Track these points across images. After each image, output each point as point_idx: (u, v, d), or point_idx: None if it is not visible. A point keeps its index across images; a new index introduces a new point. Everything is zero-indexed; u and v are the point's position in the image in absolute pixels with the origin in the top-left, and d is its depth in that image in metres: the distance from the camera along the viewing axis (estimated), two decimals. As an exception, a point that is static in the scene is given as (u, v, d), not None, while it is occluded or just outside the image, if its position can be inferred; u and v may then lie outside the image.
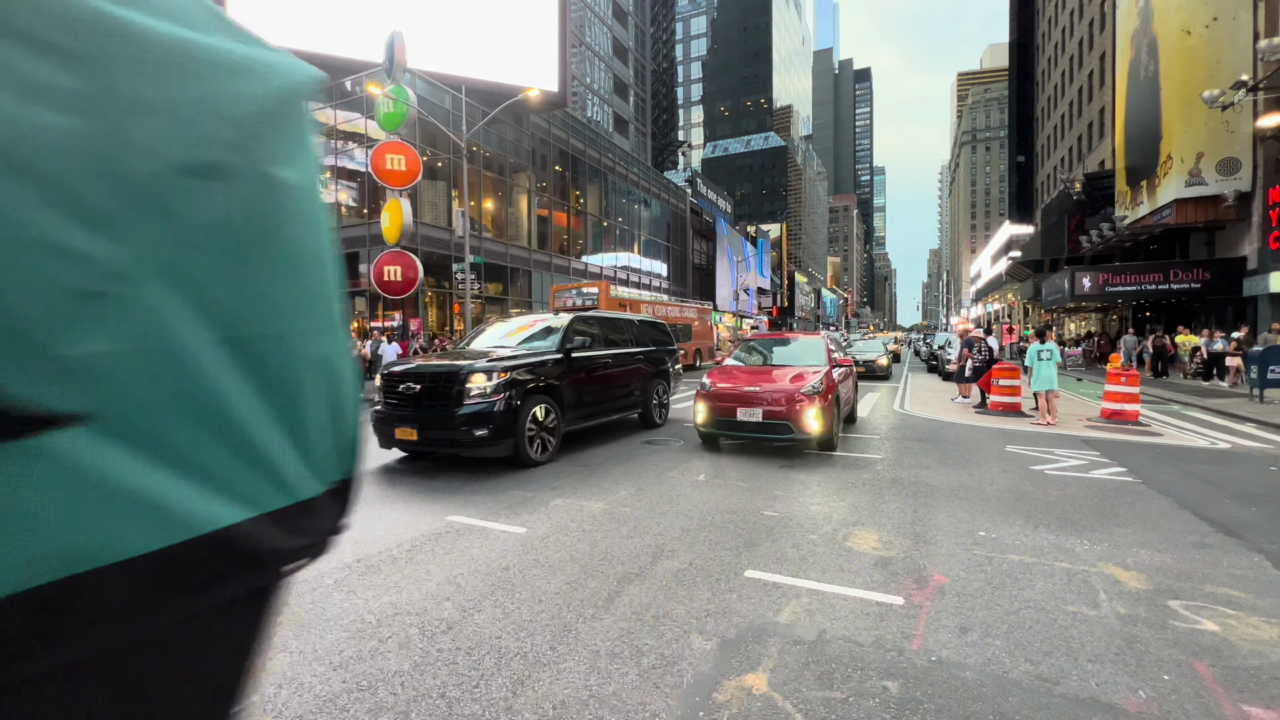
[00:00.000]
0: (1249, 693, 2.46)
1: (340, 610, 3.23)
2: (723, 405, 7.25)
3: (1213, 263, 22.07)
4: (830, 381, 7.33)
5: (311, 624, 3.06)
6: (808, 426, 6.84)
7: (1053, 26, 45.63)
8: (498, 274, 28.12)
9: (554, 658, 2.73)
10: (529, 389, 6.69)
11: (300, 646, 2.84)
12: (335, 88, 23.88)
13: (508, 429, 6.36)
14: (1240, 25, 19.78)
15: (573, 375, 7.46)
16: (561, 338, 7.60)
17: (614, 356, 8.53)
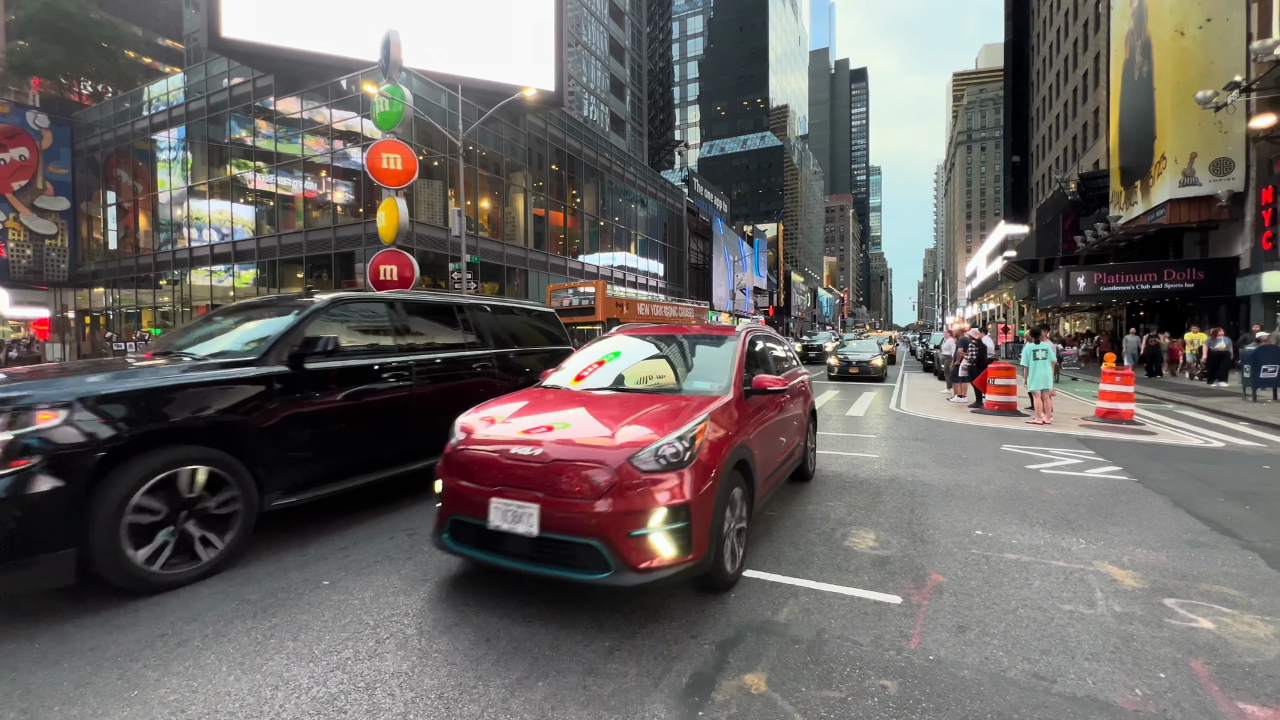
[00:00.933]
0: (1245, 690, 2.47)
1: (337, 611, 3.21)
2: (466, 491, 3.25)
3: (1206, 262, 22.19)
4: (719, 437, 3.37)
5: (307, 625, 3.05)
6: (638, 553, 2.90)
7: (1047, 27, 45.82)
8: (494, 273, 28.06)
9: (554, 657, 2.72)
10: (160, 436, 3.46)
11: (297, 648, 2.82)
12: (331, 87, 23.79)
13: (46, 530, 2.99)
14: (1233, 26, 19.89)
15: (307, 404, 4.18)
16: (285, 335, 4.23)
17: (414, 368, 5.08)
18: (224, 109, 27.04)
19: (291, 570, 3.69)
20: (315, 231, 24.85)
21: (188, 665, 2.64)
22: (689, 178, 54.72)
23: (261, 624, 3.02)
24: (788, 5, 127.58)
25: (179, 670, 2.61)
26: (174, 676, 2.55)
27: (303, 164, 25.14)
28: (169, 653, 2.75)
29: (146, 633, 2.93)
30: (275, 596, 3.33)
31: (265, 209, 27.01)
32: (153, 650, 2.77)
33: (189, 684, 2.50)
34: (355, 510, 4.87)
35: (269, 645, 2.81)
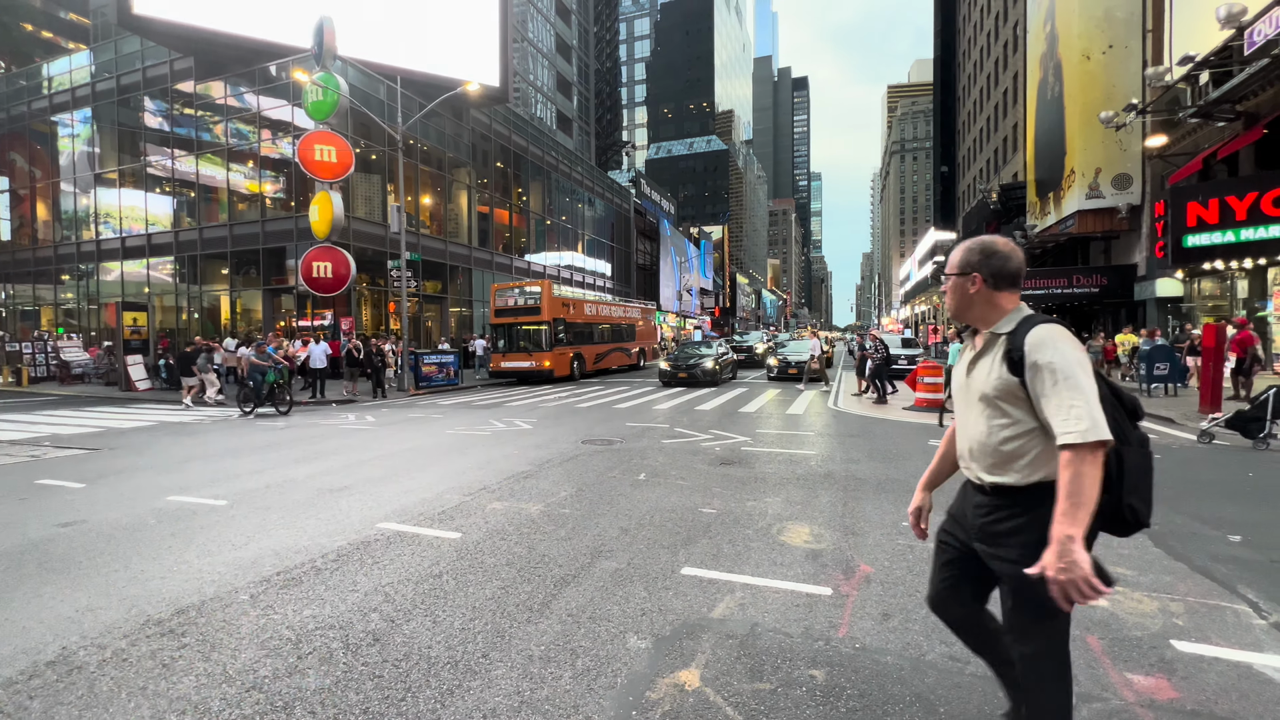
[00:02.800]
0: (1131, 661, 2.70)
1: (255, 627, 3.04)
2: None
3: (1109, 269, 24.14)
4: None
5: (222, 644, 2.87)
6: None
7: (972, 46, 48.67)
8: (437, 272, 27.30)
9: (486, 665, 2.67)
10: None
11: (209, 669, 2.65)
12: (259, 72, 22.50)
13: None
14: (1132, 53, 21.74)
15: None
16: None
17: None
18: (136, 91, 25.12)
19: (206, 586, 3.46)
20: (241, 225, 23.44)
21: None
22: (636, 178, 54.95)
23: (169, 645, 2.81)
24: (733, 12, 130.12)
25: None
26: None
27: (227, 153, 23.68)
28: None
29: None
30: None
31: (185, 200, 25.27)
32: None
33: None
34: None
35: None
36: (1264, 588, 3.47)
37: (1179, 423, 9.90)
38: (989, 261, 1.77)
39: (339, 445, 8.66)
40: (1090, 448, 1.48)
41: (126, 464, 7.52)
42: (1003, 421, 1.69)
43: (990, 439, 1.72)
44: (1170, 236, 15.85)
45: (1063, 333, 1.62)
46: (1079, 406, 1.50)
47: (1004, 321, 1.74)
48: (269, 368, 12.84)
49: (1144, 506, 1.63)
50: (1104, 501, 1.57)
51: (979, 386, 1.75)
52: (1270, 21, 12.53)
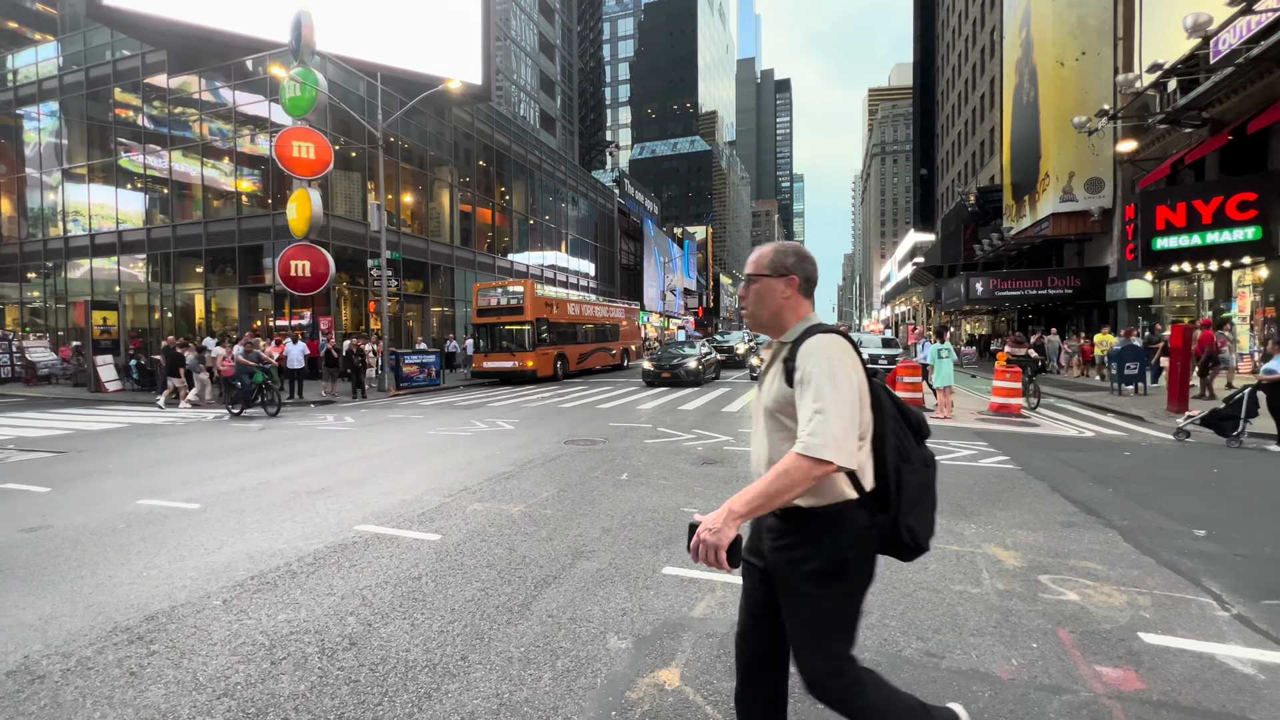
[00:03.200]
0: (1100, 654, 2.76)
1: (228, 633, 2.98)
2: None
3: (1082, 271, 24.72)
4: None
5: (193, 650, 2.81)
6: None
7: (950, 51, 49.48)
8: (418, 271, 27.00)
9: (465, 668, 2.64)
10: None
11: (178, 676, 2.59)
12: (235, 67, 22.06)
13: None
14: (1104, 60, 22.27)
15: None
16: None
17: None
18: (106, 84, 24.46)
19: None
20: (217, 222, 22.96)
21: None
22: (620, 178, 54.95)
23: (137, 652, 2.74)
24: (716, 14, 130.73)
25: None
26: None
27: (201, 148, 23.17)
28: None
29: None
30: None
31: (158, 196, 24.67)
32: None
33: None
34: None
35: (145, 675, 2.56)
36: (1227, 581, 3.58)
37: (1148, 420, 10.16)
38: (804, 265, 1.65)
39: (317, 447, 8.53)
40: (812, 462, 1.37)
41: (95, 467, 7.32)
42: (783, 435, 1.56)
43: (773, 455, 1.57)
44: (1140, 239, 16.26)
45: (834, 343, 1.51)
46: (819, 418, 1.39)
47: (793, 330, 1.62)
48: (257, 368, 12.51)
49: (922, 527, 1.57)
50: (882, 521, 1.53)
51: (763, 399, 1.63)
52: (1234, 31, 12.93)
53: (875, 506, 1.53)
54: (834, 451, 1.38)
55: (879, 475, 1.54)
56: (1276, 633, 2.94)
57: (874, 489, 1.53)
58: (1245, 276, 15.59)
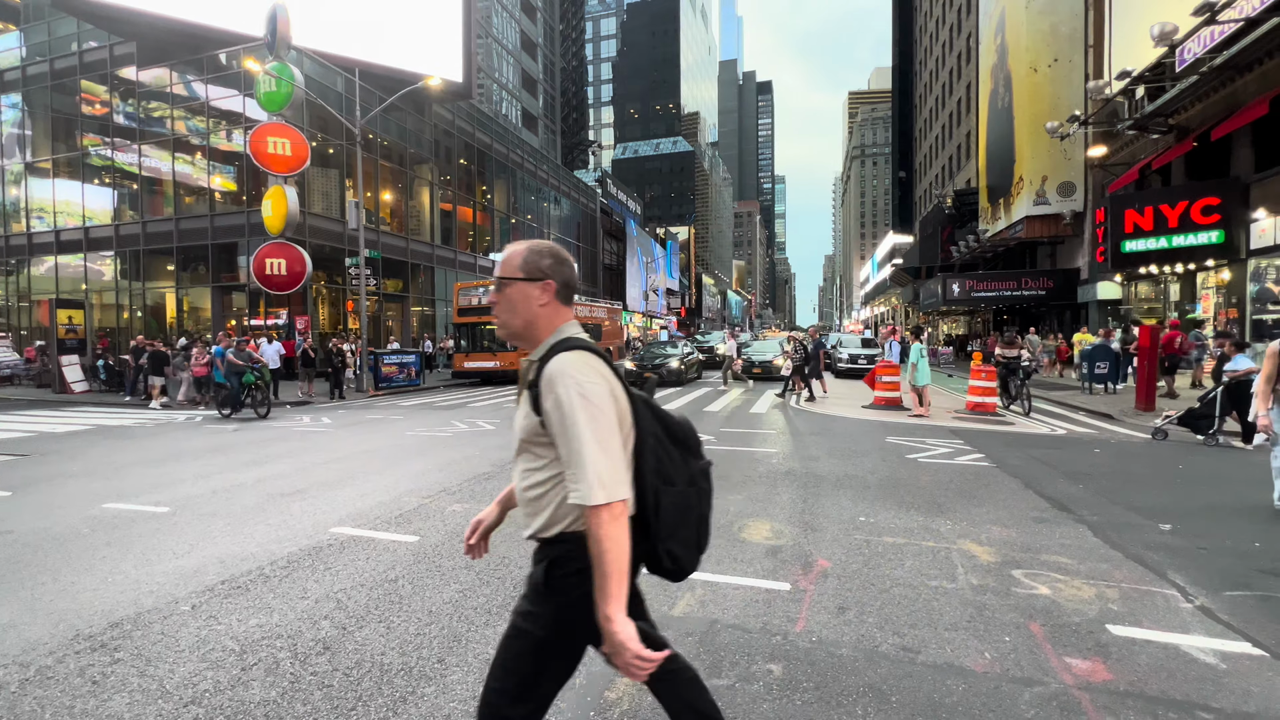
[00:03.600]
0: (1070, 646, 2.82)
1: (197, 639, 2.90)
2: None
3: (1055, 272, 25.29)
4: None
5: (160, 657, 2.73)
6: None
7: (928, 56, 50.29)
8: (398, 270, 26.65)
9: (441, 670, 2.61)
10: None
11: (144, 684, 2.52)
12: (208, 60, 21.56)
13: None
14: (1075, 67, 22.82)
15: None
16: None
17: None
18: (72, 76, 23.75)
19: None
20: (189, 219, 22.42)
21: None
22: (603, 178, 54.89)
23: (100, 660, 2.65)
24: (698, 15, 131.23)
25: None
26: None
27: (172, 143, 22.60)
28: None
29: None
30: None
31: (127, 192, 24.01)
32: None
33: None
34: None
35: (108, 683, 2.48)
36: (1190, 573, 3.68)
37: (1117, 419, 10.43)
38: (561, 269, 1.47)
39: (292, 448, 8.36)
40: (603, 510, 1.24)
41: (58, 470, 7.09)
42: (532, 465, 1.42)
43: (522, 483, 1.45)
44: (1110, 242, 16.68)
45: (579, 361, 1.33)
46: (577, 461, 1.26)
47: (544, 345, 1.43)
48: (247, 368, 12.06)
49: (686, 551, 1.46)
50: (644, 549, 1.40)
51: (515, 426, 1.47)
52: (1199, 40, 13.33)
53: (636, 532, 1.36)
54: (614, 488, 1.26)
55: (639, 499, 1.38)
56: (1237, 623, 3.03)
57: (634, 514, 1.37)
58: (1209, 279, 16.08)
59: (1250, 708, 2.34)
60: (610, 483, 1.26)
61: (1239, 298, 14.38)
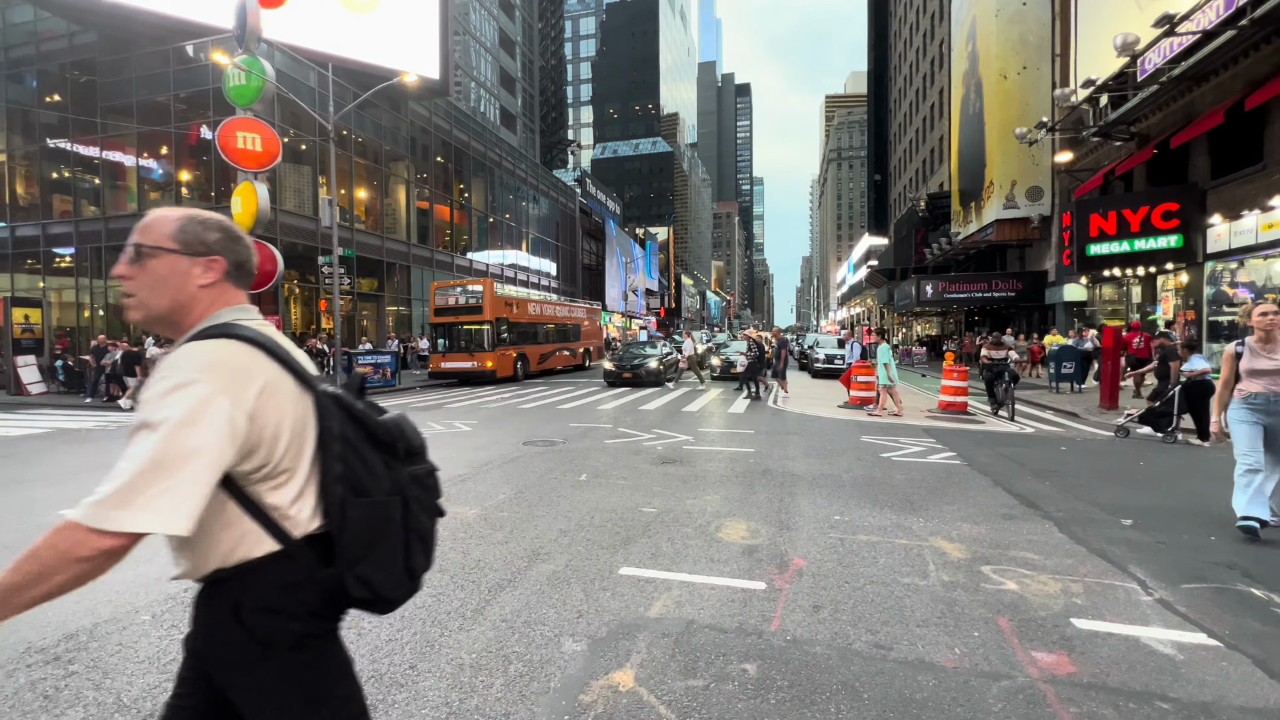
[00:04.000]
0: (1036, 640, 2.89)
1: (157, 649, 2.81)
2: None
3: (1024, 275, 25.94)
4: None
5: (117, 669, 2.64)
6: None
7: (902, 61, 51.21)
8: (373, 269, 26.20)
9: (413, 676, 2.57)
10: None
11: (99, 698, 2.43)
12: (174, 52, 20.93)
13: None
14: (1043, 75, 23.43)
15: None
16: None
17: None
18: (29, 65, 22.85)
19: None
20: (152, 215, 21.70)
21: None
22: (582, 178, 54.72)
23: (53, 673, 2.55)
24: (677, 16, 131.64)
25: None
26: None
27: (136, 137, 21.90)
28: None
29: None
30: (75, 639, 2.83)
31: (87, 186, 23.19)
32: None
33: None
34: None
35: (61, 698, 2.39)
36: (1150, 567, 3.80)
37: (1082, 417, 10.73)
38: (236, 247, 1.24)
39: (262, 451, 8.15)
40: (88, 534, 0.97)
41: (12, 475, 6.81)
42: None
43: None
44: (1075, 245, 17.16)
45: (203, 354, 1.08)
46: (115, 471, 1.01)
47: (189, 334, 1.17)
48: None
49: (387, 576, 1.20)
50: (332, 576, 1.16)
51: None
52: (1159, 51, 13.80)
53: (316, 557, 1.16)
54: (133, 517, 0.97)
55: (325, 514, 1.18)
56: (1193, 614, 3.14)
57: (316, 533, 1.17)
58: (1169, 281, 16.65)
59: (1206, 697, 2.42)
60: (138, 505, 0.97)
61: (1196, 300, 14.91)
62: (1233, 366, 4.43)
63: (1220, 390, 4.55)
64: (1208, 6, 12.09)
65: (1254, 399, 4.30)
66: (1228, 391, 4.48)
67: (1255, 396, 4.29)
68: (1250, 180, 13.08)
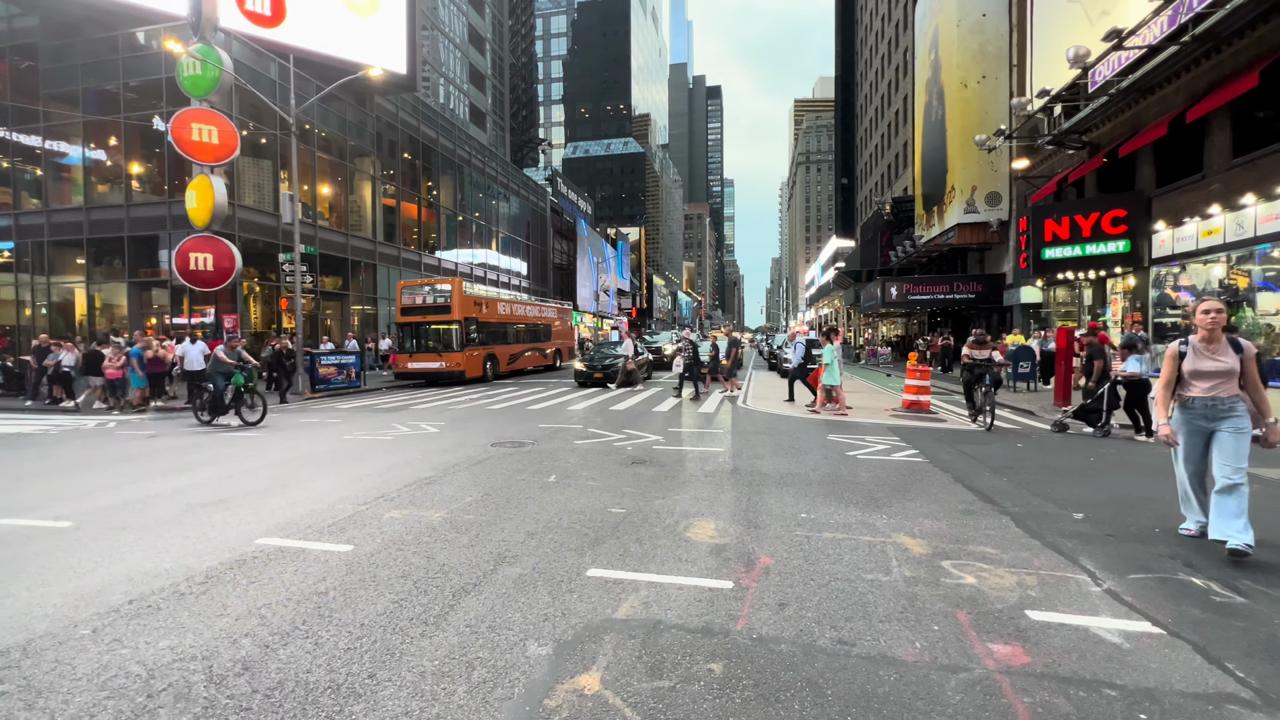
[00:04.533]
0: (993, 632, 2.97)
1: (97, 665, 2.67)
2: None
3: (983, 277, 26.76)
4: None
5: (52, 688, 2.49)
6: None
7: (868, 68, 52.31)
8: (337, 267, 25.52)
9: (372, 686, 2.49)
10: None
11: (30, 718, 2.29)
12: (123, 38, 20.03)
13: None
14: (1001, 84, 24.22)
15: None
16: None
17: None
18: (-37, 49, 21.54)
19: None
20: (101, 209, 20.76)
21: None
22: (553, 177, 54.35)
23: None
24: (649, 17, 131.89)
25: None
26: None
27: (82, 126, 20.88)
28: None
29: None
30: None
31: (28, 177, 22.01)
32: None
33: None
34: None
35: None
36: (1099, 559, 3.95)
37: (1038, 414, 11.12)
38: None
39: (216, 455, 7.86)
40: None
41: (-58, 483, 6.41)
42: None
43: None
44: (1031, 249, 17.77)
45: None
46: None
47: None
48: (236, 368, 10.78)
49: None
50: None
51: None
52: (1109, 64, 14.39)
53: None
54: None
55: None
56: (1139, 604, 3.27)
57: None
58: (1117, 284, 17.38)
59: (1150, 683, 2.52)
60: None
61: (1143, 303, 15.60)
62: (1175, 366, 4.18)
63: (1161, 391, 4.30)
64: (1153, 22, 12.66)
65: (1192, 404, 4.10)
66: (1168, 392, 4.25)
67: (1193, 401, 4.09)
68: (1191, 189, 13.75)
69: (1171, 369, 4.20)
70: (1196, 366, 4.08)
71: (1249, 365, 3.99)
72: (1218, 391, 4.00)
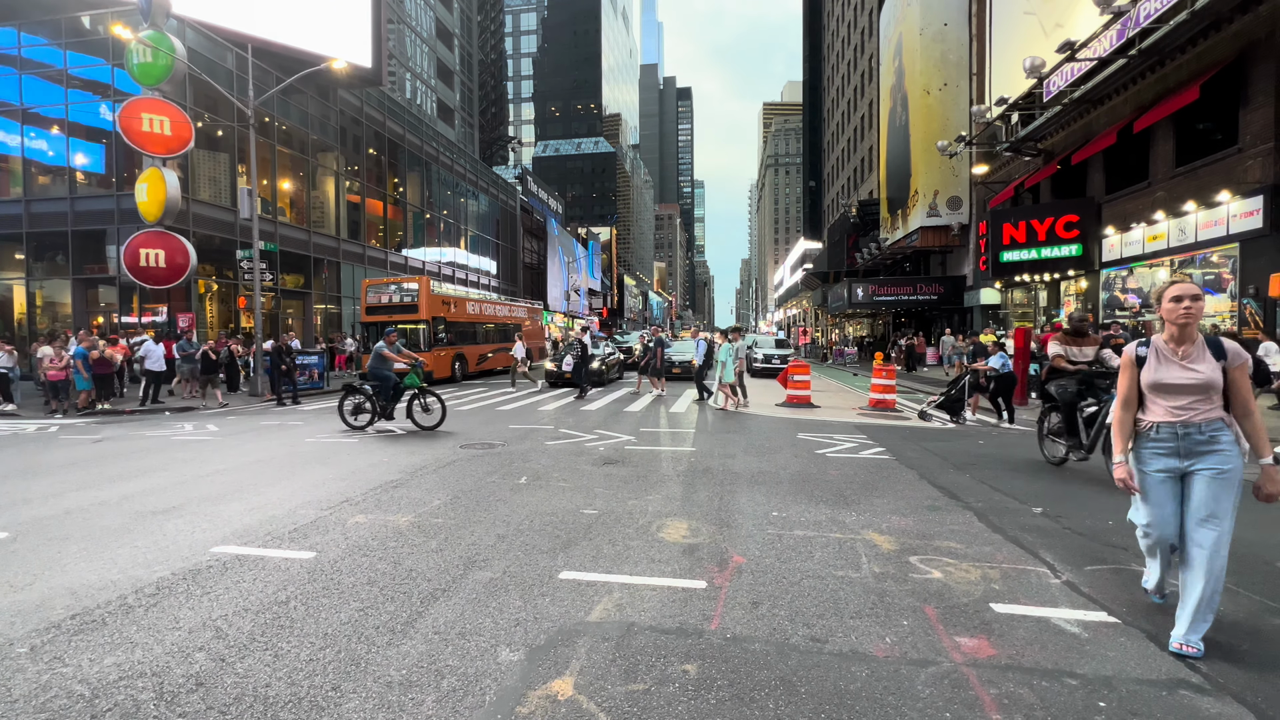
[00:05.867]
0: (959, 626, 3.03)
1: (35, 686, 2.50)
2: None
3: (945, 279, 27.56)
4: None
5: None
6: None
7: (835, 73, 53.33)
8: (298, 264, 24.74)
9: (336, 699, 2.40)
10: None
11: None
12: (65, 23, 19.04)
13: None
14: (961, 92, 24.97)
15: None
16: None
17: None
18: (-114, 29, 20.15)
19: None
20: (43, 201, 19.69)
21: None
22: (523, 175, 53.79)
23: None
24: (620, 17, 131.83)
25: None
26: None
27: (21, 115, 19.76)
28: None
29: None
30: None
31: (-40, 168, 20.69)
32: None
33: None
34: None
35: None
36: (1058, 551, 4.08)
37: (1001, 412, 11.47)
38: None
39: (169, 459, 7.52)
40: None
41: None
42: None
43: None
44: (990, 252, 18.36)
45: None
46: None
47: None
48: (410, 366, 9.81)
49: None
50: None
51: None
52: (1062, 75, 14.97)
53: None
54: None
55: None
56: (1096, 594, 3.39)
57: None
58: (1071, 286, 18.10)
59: (1108, 671, 2.60)
60: None
61: (1094, 304, 16.28)
62: (1132, 378, 2.90)
63: (1119, 412, 2.96)
64: (1104, 36, 13.22)
65: (1159, 433, 2.81)
66: (1129, 415, 2.93)
67: (1160, 430, 2.80)
68: (1138, 196, 14.40)
69: (1129, 382, 2.92)
70: (1159, 378, 2.80)
71: (1237, 378, 2.71)
72: (1191, 414, 2.73)
